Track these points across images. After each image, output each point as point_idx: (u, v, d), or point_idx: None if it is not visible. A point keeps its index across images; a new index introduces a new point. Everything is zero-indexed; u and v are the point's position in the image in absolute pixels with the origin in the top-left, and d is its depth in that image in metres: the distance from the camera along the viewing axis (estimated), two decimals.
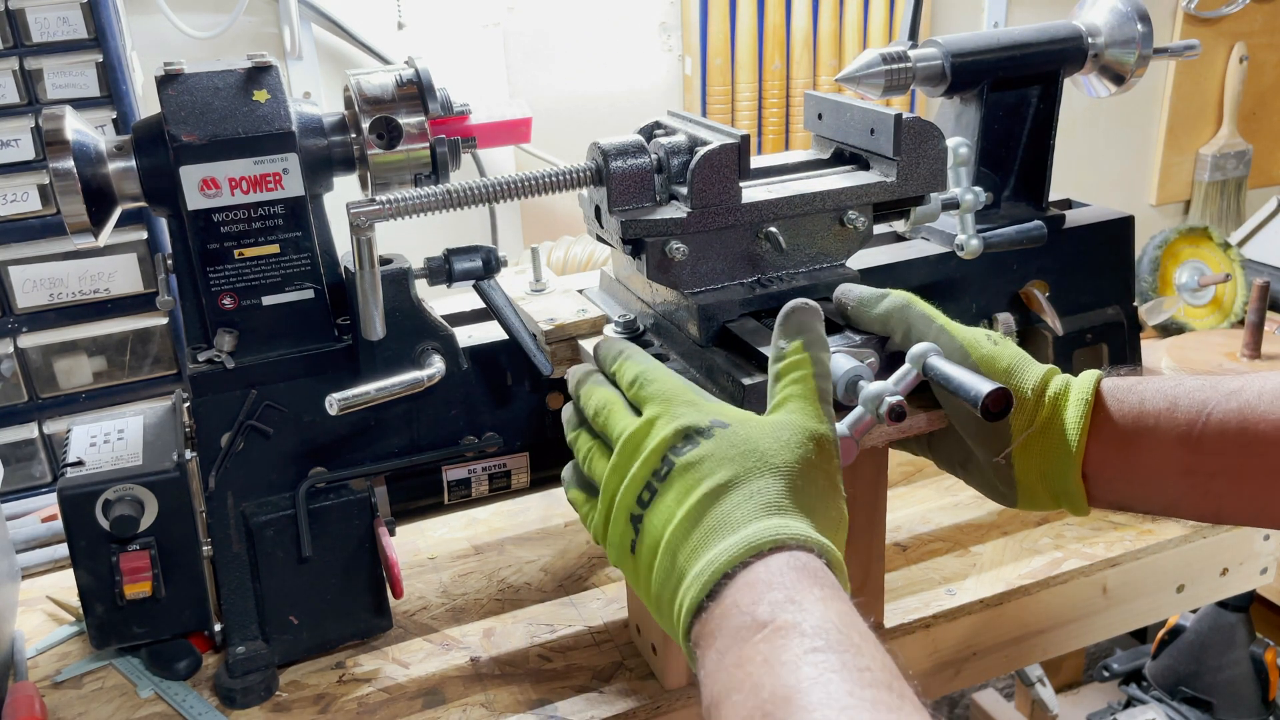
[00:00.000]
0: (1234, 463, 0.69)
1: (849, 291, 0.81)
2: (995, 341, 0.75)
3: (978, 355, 0.74)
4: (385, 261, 0.89)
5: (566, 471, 0.77)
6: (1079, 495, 0.74)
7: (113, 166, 0.83)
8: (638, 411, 0.69)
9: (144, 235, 1.24)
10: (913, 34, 1.06)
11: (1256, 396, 0.68)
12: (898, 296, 0.78)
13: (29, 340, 1.23)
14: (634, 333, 0.88)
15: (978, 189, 0.98)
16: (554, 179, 0.83)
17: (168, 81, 0.83)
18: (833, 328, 0.81)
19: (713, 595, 0.59)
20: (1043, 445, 0.74)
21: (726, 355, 0.81)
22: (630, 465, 0.67)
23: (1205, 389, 0.71)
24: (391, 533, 0.94)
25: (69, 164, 0.80)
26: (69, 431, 0.96)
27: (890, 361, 0.78)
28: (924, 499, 1.19)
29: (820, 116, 0.96)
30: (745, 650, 0.54)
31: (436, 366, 0.90)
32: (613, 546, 0.68)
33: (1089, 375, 0.75)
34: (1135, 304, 1.16)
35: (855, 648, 0.53)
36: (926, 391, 0.77)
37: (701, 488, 0.62)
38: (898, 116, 0.85)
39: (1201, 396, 0.70)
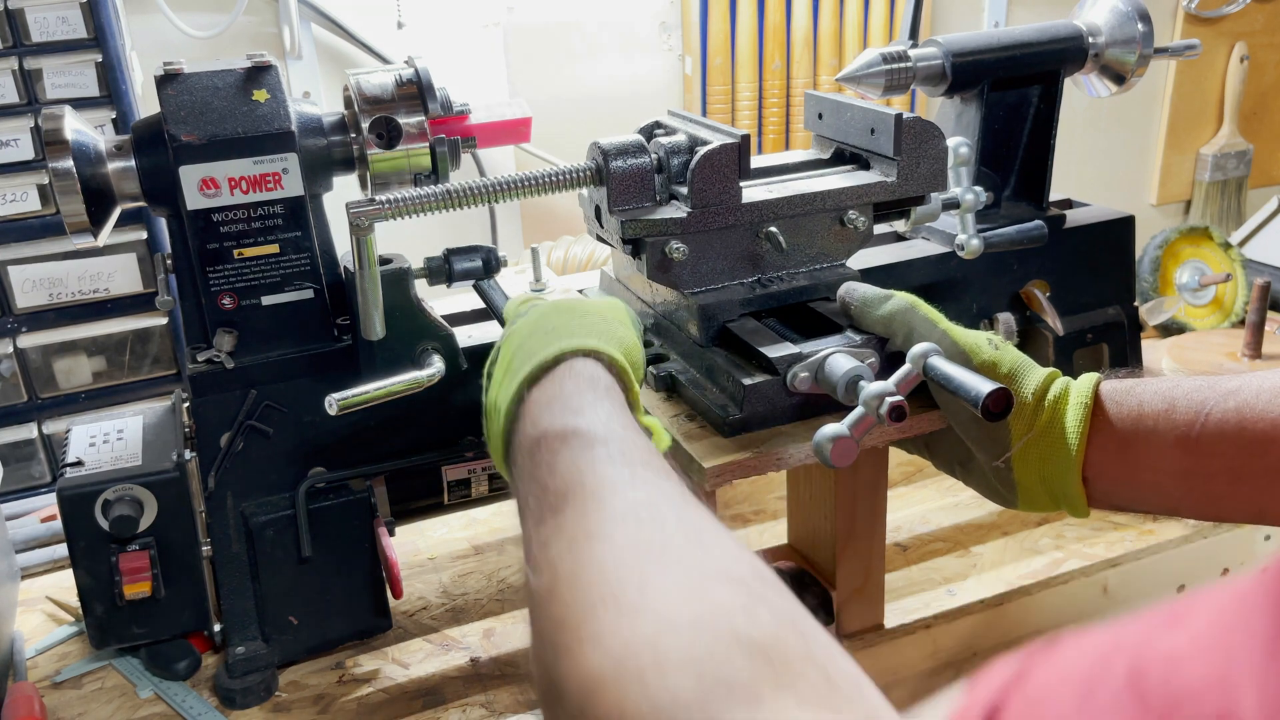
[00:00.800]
0: (1233, 463, 0.68)
1: (853, 291, 0.81)
2: (996, 346, 0.76)
3: (979, 361, 0.74)
4: (385, 261, 0.89)
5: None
6: (1079, 498, 0.74)
7: (112, 166, 0.82)
8: None
9: (144, 235, 1.24)
10: (913, 34, 1.06)
11: (1254, 395, 0.68)
12: (901, 298, 0.78)
13: (28, 340, 1.23)
14: None
15: (978, 189, 0.98)
16: (554, 179, 0.82)
17: (167, 81, 0.83)
18: (833, 328, 0.81)
19: (516, 418, 0.64)
20: (1042, 449, 0.74)
21: (726, 355, 0.81)
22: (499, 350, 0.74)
23: (1203, 389, 0.70)
24: (391, 533, 0.94)
25: (68, 164, 0.80)
26: (68, 431, 0.96)
27: (890, 362, 0.77)
28: (924, 499, 1.19)
29: (820, 116, 0.96)
30: (533, 461, 0.58)
31: (436, 366, 0.90)
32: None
33: (1088, 379, 0.75)
34: (1136, 304, 1.15)
35: (629, 442, 0.57)
36: (927, 392, 0.77)
37: (513, 340, 0.71)
38: (898, 116, 0.85)
39: (1199, 397, 0.70)
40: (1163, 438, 0.71)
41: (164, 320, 1.26)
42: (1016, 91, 1.08)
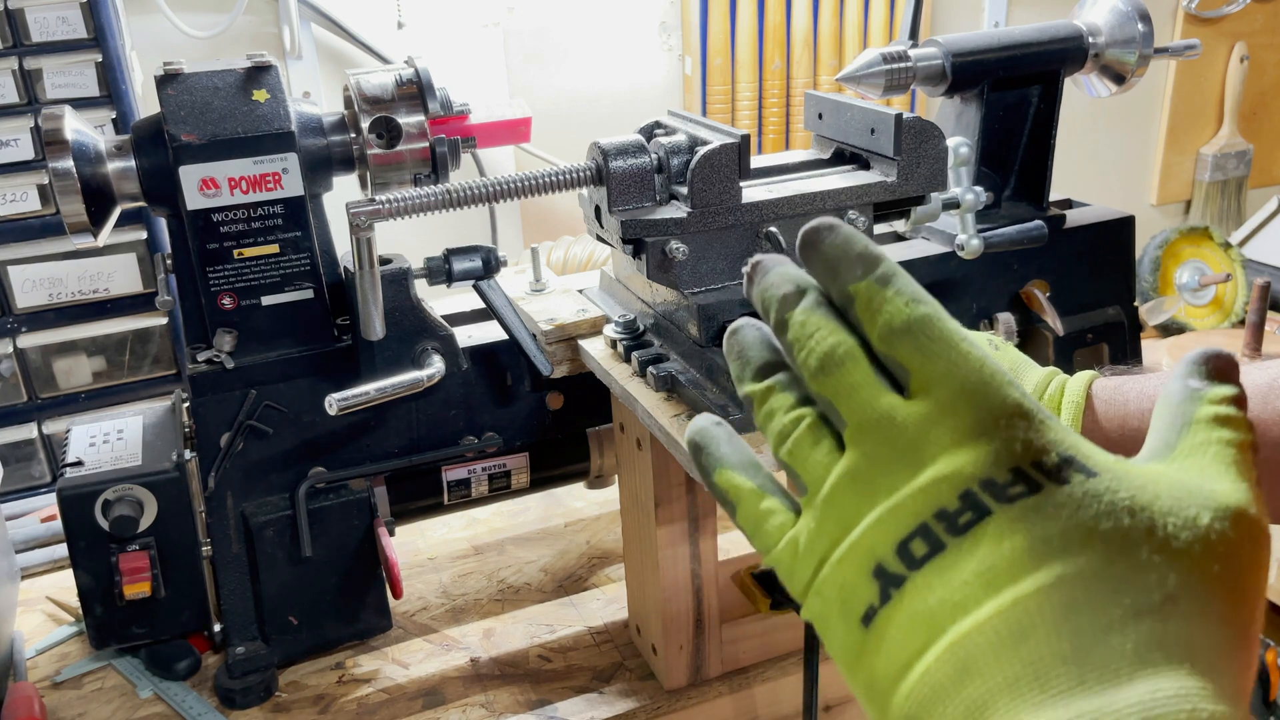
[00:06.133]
0: None
1: None
2: (996, 346, 0.75)
3: None
4: (385, 261, 0.89)
5: (706, 424, 0.44)
6: None
7: (112, 166, 0.82)
8: (896, 386, 0.39)
9: (143, 235, 1.24)
10: (913, 33, 1.06)
11: None
12: None
13: (28, 340, 1.22)
14: (634, 333, 0.88)
15: (978, 189, 0.98)
16: (554, 179, 0.82)
17: (167, 81, 0.83)
18: None
19: None
20: None
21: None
22: (894, 485, 0.38)
23: None
24: (391, 533, 0.94)
25: (68, 164, 0.80)
26: (68, 431, 0.96)
27: None
28: None
29: (820, 116, 0.96)
30: None
31: (436, 366, 0.90)
32: (823, 598, 0.39)
33: (1082, 377, 0.74)
34: (1136, 304, 1.15)
35: None
36: None
37: (1039, 573, 0.34)
38: (898, 116, 0.85)
39: None
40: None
41: (164, 320, 1.26)
42: (1016, 91, 1.07)
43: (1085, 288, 1.12)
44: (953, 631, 0.35)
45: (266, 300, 0.87)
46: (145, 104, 1.26)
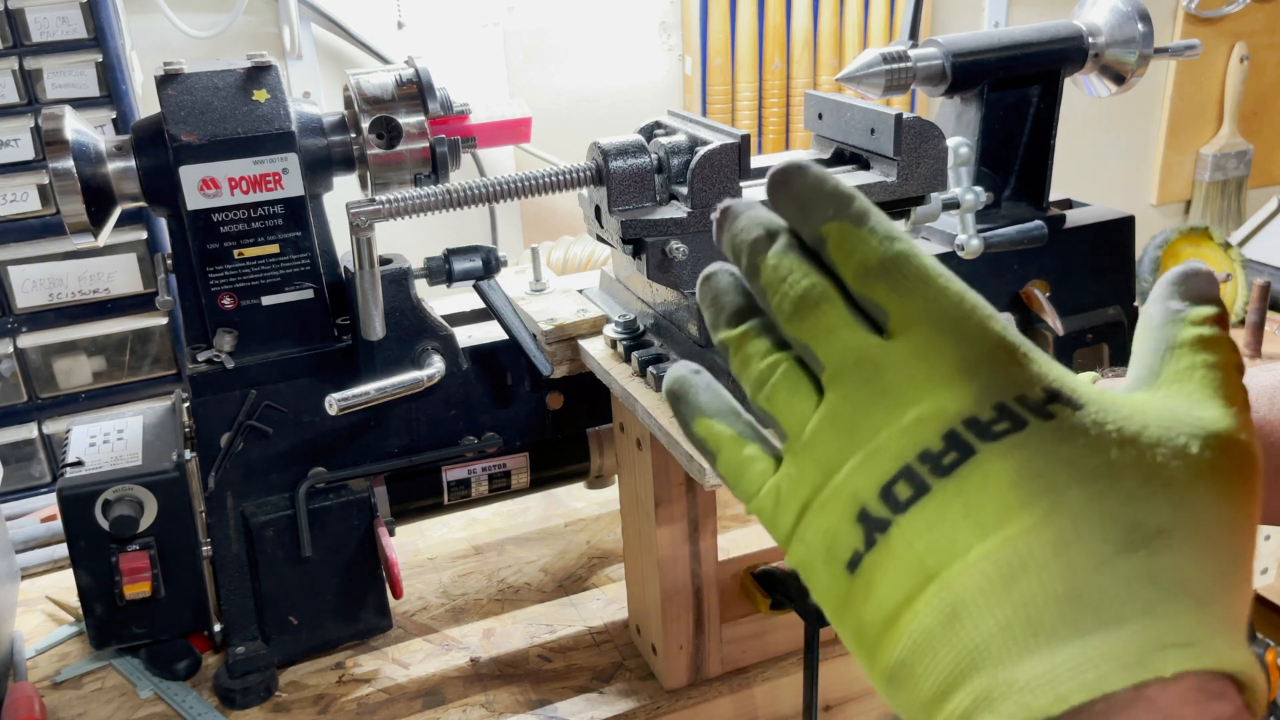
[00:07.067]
0: None
1: None
2: None
3: None
4: (385, 261, 0.89)
5: (684, 373, 0.43)
6: None
7: (112, 166, 0.82)
8: (875, 325, 0.37)
9: (144, 235, 1.24)
10: (913, 33, 1.06)
11: None
12: None
13: (28, 340, 1.22)
14: (634, 333, 0.88)
15: (978, 189, 0.98)
16: (554, 179, 0.82)
17: (167, 81, 0.83)
18: None
19: None
20: None
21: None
22: (875, 428, 0.36)
23: None
24: (391, 533, 0.94)
25: (68, 164, 0.80)
26: (68, 431, 0.96)
27: None
28: None
29: (820, 116, 0.96)
30: None
31: (436, 366, 0.90)
32: (806, 545, 0.38)
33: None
34: (1136, 304, 1.15)
35: None
36: None
37: (1026, 512, 0.33)
38: (898, 116, 0.85)
39: None
40: None
41: (164, 320, 1.26)
42: (1016, 91, 1.07)
43: (1085, 288, 1.12)
44: (941, 576, 0.34)
45: (266, 300, 0.87)
46: (145, 104, 1.26)
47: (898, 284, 0.37)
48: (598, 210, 0.85)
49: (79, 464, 0.90)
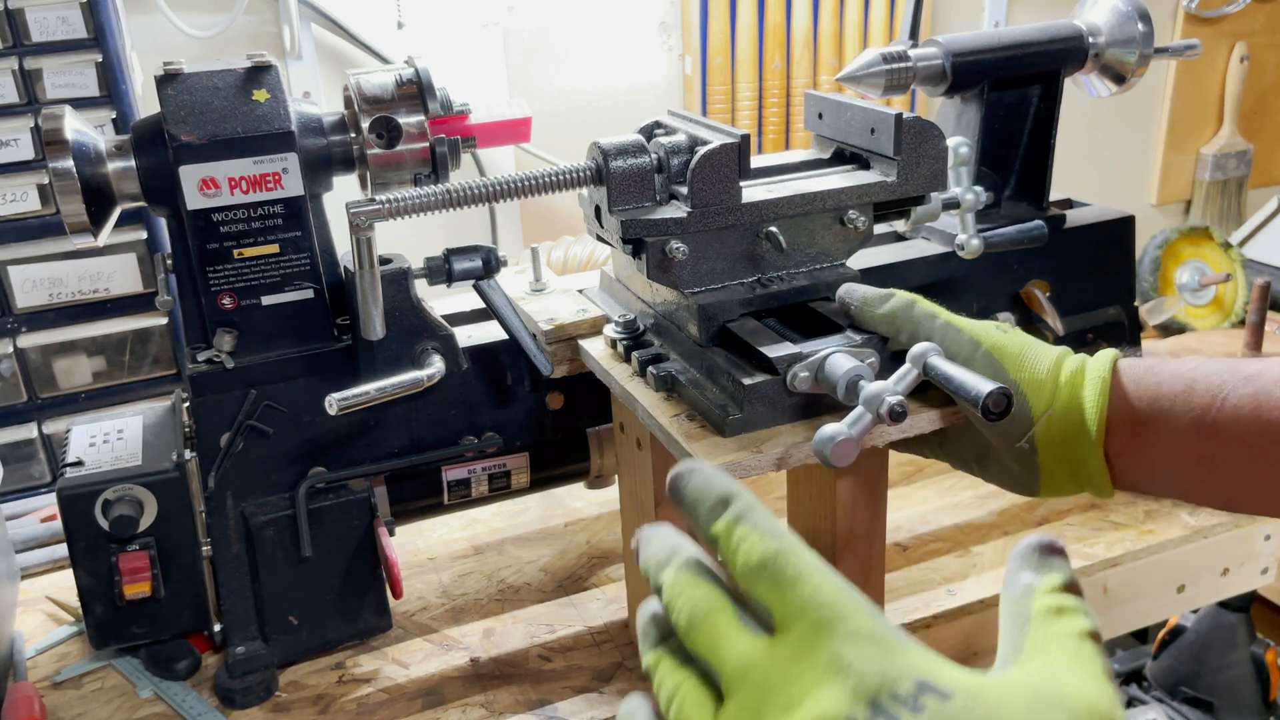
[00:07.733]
0: (1246, 451, 0.66)
1: (852, 291, 0.81)
2: (1004, 330, 0.75)
3: (989, 344, 0.73)
4: (385, 261, 0.89)
5: (630, 703, 0.46)
6: (1102, 476, 0.72)
7: (112, 166, 0.82)
8: (765, 626, 0.41)
9: (143, 235, 1.24)
10: (913, 33, 1.06)
11: (1274, 383, 0.65)
12: (902, 297, 0.78)
13: (28, 340, 1.23)
14: (634, 333, 0.88)
15: (978, 189, 0.98)
16: (554, 179, 0.82)
17: (167, 81, 0.83)
18: (834, 328, 0.81)
19: None
20: (1064, 426, 0.72)
21: (727, 355, 0.81)
22: None
23: (1223, 373, 0.68)
24: (391, 533, 0.94)
25: (68, 164, 0.80)
26: (68, 431, 0.96)
27: (893, 361, 0.77)
28: (924, 499, 1.18)
29: (820, 116, 0.96)
30: None
31: (436, 366, 0.90)
32: None
33: (1105, 355, 0.73)
34: (1136, 304, 1.15)
35: None
36: (930, 390, 0.77)
37: None
38: (898, 116, 0.85)
39: (1218, 380, 0.67)
40: (1178, 420, 0.68)
41: (164, 320, 1.26)
42: (1016, 91, 1.07)
43: (1085, 288, 1.12)
44: None
45: (266, 300, 0.87)
46: (145, 104, 1.26)
47: (777, 582, 0.40)
48: (598, 210, 0.85)
49: (79, 464, 0.90)
